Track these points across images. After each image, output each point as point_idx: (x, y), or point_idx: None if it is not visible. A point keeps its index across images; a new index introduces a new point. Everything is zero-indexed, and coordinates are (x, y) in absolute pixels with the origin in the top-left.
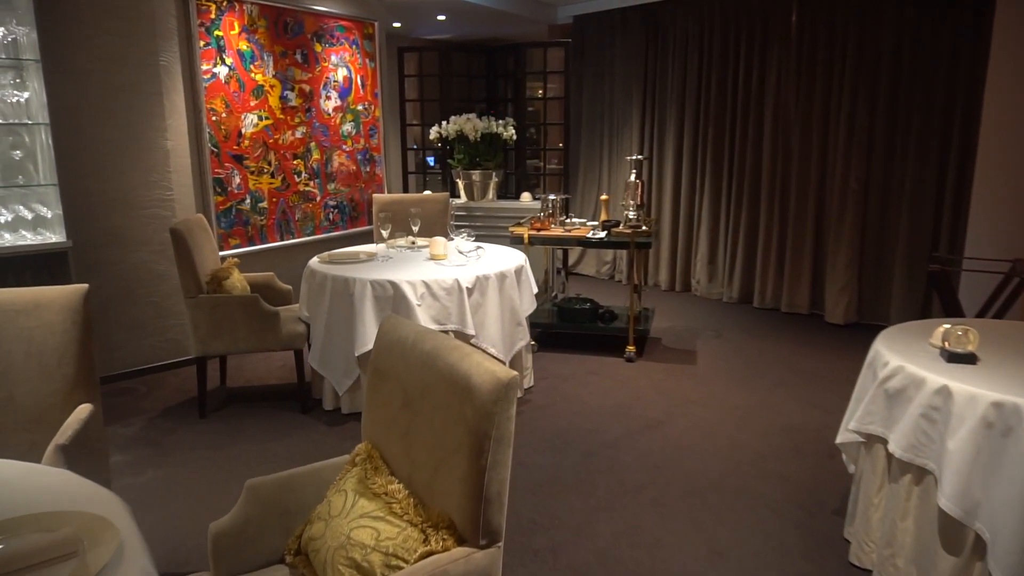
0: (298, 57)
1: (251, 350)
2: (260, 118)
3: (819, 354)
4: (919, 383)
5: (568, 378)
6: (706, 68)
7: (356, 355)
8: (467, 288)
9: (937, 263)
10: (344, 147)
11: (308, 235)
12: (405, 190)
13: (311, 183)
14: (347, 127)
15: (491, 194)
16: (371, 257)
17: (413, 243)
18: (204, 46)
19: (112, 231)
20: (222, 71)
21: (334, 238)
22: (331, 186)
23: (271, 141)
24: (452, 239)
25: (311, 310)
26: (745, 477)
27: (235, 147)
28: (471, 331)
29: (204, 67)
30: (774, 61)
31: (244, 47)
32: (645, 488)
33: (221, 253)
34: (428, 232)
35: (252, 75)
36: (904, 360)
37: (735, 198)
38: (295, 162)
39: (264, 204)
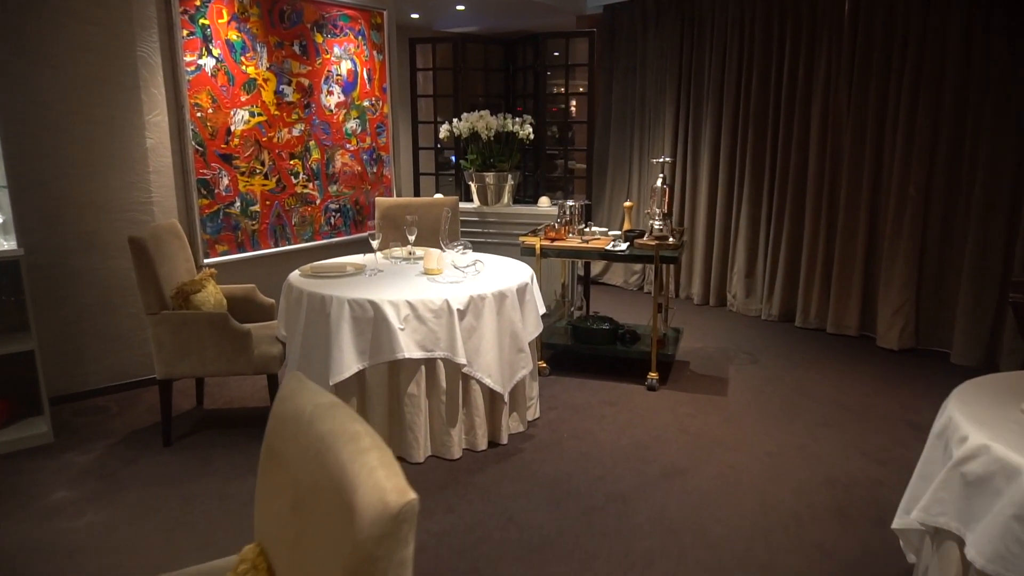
0: (296, 48)
1: (220, 373)
2: (252, 114)
3: (870, 386)
4: (1012, 473)
5: (580, 409)
6: (747, 61)
7: (330, 384)
8: (458, 310)
9: (1021, 292)
10: (348, 146)
11: (306, 241)
12: (416, 193)
13: (310, 185)
14: (351, 124)
15: (506, 198)
16: (359, 270)
17: (411, 253)
18: (188, 36)
19: (87, 237)
20: (208, 63)
21: (335, 244)
22: (333, 188)
23: (264, 139)
24: (446, 250)
25: (288, 329)
26: (777, 550)
27: (223, 146)
28: (461, 359)
29: (188, 58)
30: (823, 53)
31: (234, 37)
32: (656, 561)
33: (207, 261)
34: (435, 243)
35: (243, 68)
36: (989, 436)
37: (777, 205)
38: (292, 162)
39: (256, 207)
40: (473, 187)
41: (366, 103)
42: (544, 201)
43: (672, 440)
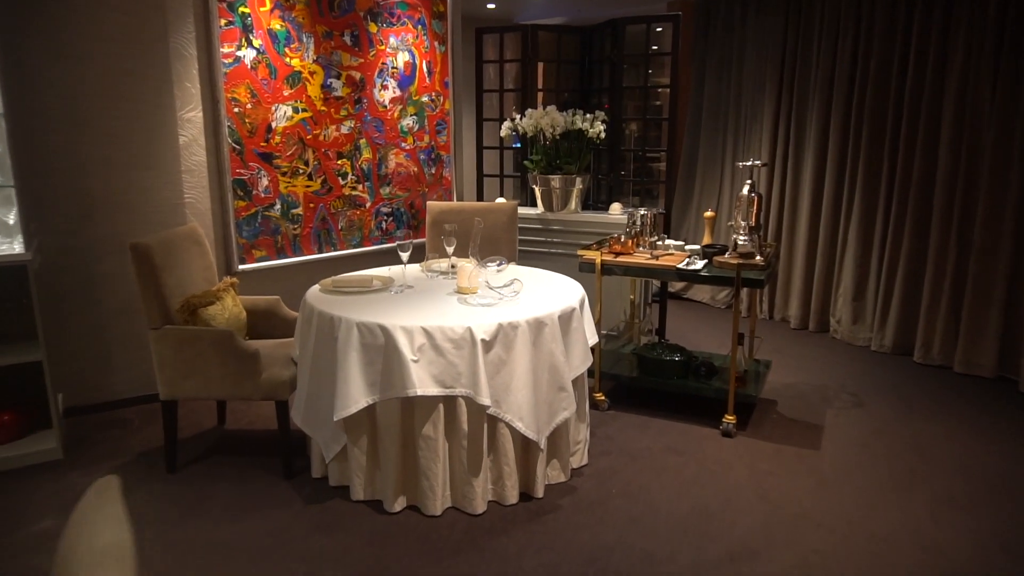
0: (347, 39)
1: (226, 397)
2: (296, 110)
3: (1013, 446)
4: None
5: (638, 456)
6: (863, 50)
7: (334, 419)
8: (483, 340)
9: None
10: (403, 145)
11: (354, 247)
12: (479, 196)
13: (359, 187)
14: (408, 121)
15: (573, 204)
16: (386, 284)
17: (453, 267)
18: (226, 25)
19: (114, 239)
20: (248, 55)
21: (387, 251)
22: (385, 190)
23: (309, 137)
24: (480, 266)
25: (300, 351)
26: None
27: (263, 144)
28: (485, 399)
29: (225, 50)
30: (961, 37)
31: (277, 27)
32: None
33: (242, 267)
34: (490, 253)
35: (287, 60)
36: None
37: (895, 217)
38: (340, 162)
39: (299, 210)
40: (537, 191)
41: (425, 98)
42: (616, 208)
43: (746, 509)
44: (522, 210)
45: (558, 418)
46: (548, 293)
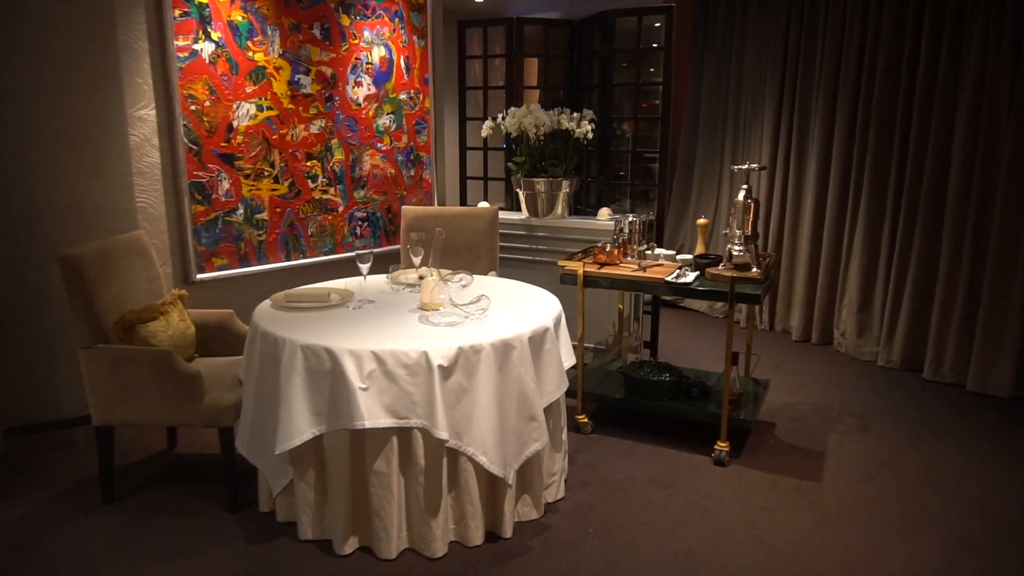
0: (316, 32)
1: (164, 422)
2: (260, 108)
3: None
4: None
5: (620, 488)
6: (871, 44)
7: (275, 452)
8: (440, 366)
9: None
10: (380, 145)
11: (325, 254)
12: (463, 200)
13: (331, 190)
14: (384, 120)
15: (560, 209)
16: (344, 299)
17: (423, 278)
18: (180, 16)
19: (59, 248)
20: (206, 48)
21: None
22: (360, 193)
23: (275, 137)
24: (441, 281)
25: (247, 373)
26: None
27: (223, 144)
28: (442, 433)
29: (180, 43)
30: (976, 31)
31: (239, 18)
32: None
33: (201, 276)
34: (469, 261)
35: (249, 54)
36: None
37: (904, 224)
38: (309, 164)
39: (264, 215)
40: (521, 195)
41: (403, 96)
42: (605, 213)
43: (737, 552)
44: (505, 215)
45: (528, 451)
46: (520, 310)
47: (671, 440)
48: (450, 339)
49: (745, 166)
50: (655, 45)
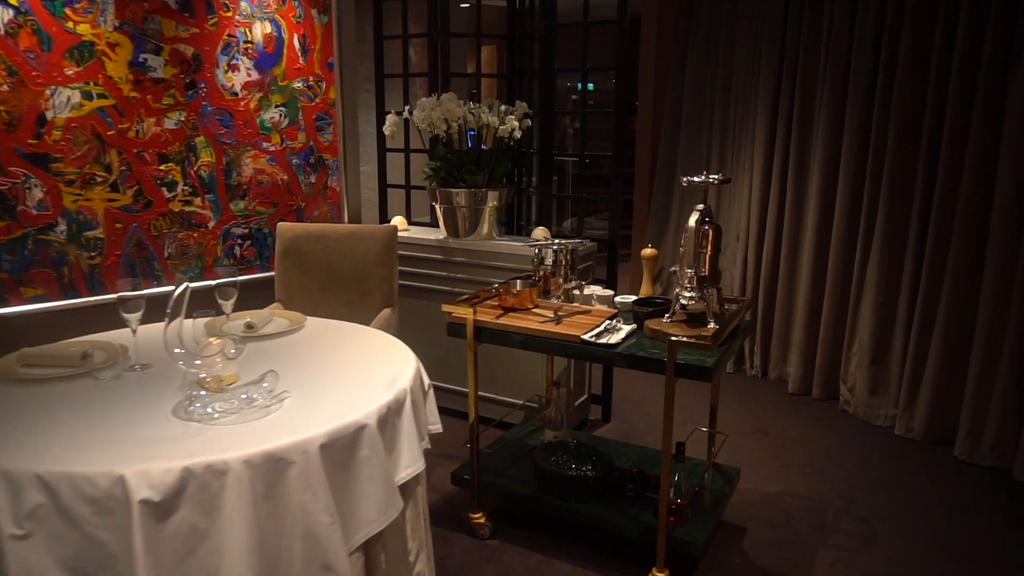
0: (170, 1)
1: None
2: (87, 96)
3: None
4: None
5: None
6: (891, 22)
7: None
8: (146, 501)
9: None
10: (266, 145)
11: (191, 280)
12: (383, 215)
13: (197, 200)
14: (272, 115)
15: (485, 227)
16: (110, 359)
17: (251, 327)
18: None
19: None
20: (1, 16)
21: (240, 284)
22: (238, 205)
23: (111, 133)
24: (229, 339)
25: None
26: None
27: (31, 141)
28: None
29: None
30: None
31: None
32: None
33: (4, 310)
34: (358, 295)
35: (68, 25)
36: None
37: (932, 253)
38: (164, 167)
39: (97, 232)
40: (438, 210)
41: (297, 84)
42: (540, 233)
43: None
44: (421, 234)
45: None
46: (345, 383)
47: (597, 556)
48: (190, 450)
49: (699, 178)
50: (551, 4)
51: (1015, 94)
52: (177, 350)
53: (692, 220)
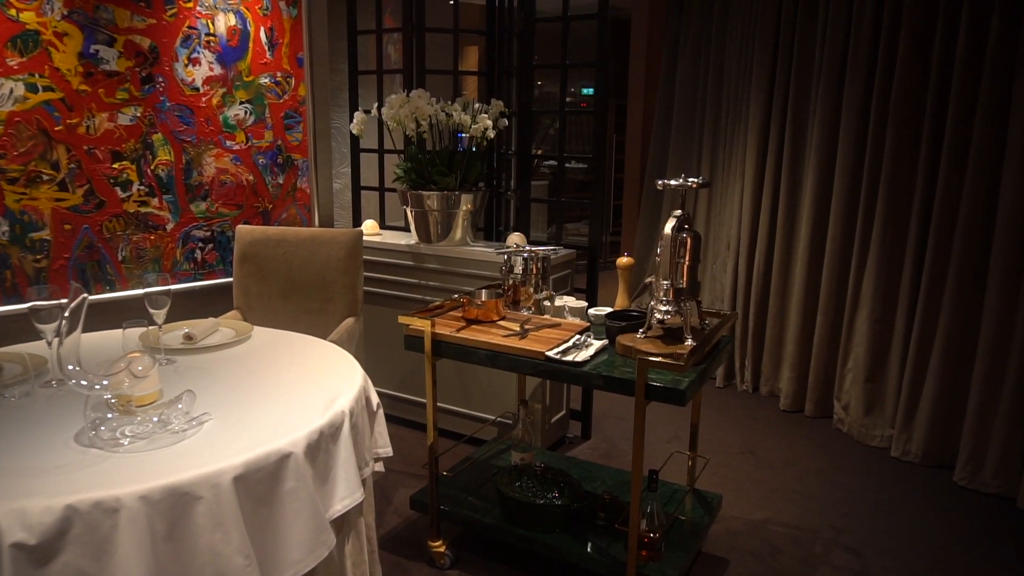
0: None
1: None
2: (31, 88)
3: None
4: None
5: None
6: (889, 18)
7: None
8: (19, 545)
9: None
10: (230, 144)
11: (147, 285)
12: (355, 217)
13: (154, 201)
14: (236, 111)
15: (459, 232)
16: (23, 374)
17: (191, 338)
18: None
19: None
20: None
21: (198, 290)
22: (199, 206)
23: (59, 129)
24: (149, 351)
25: None
26: None
27: None
28: None
29: None
30: None
31: None
32: None
33: None
34: (320, 303)
35: (10, 12)
36: None
37: (932, 264)
38: (118, 166)
39: (44, 234)
40: (409, 214)
41: (264, 80)
42: (515, 239)
43: None
44: (392, 238)
45: None
46: (279, 402)
47: None
48: (79, 484)
49: (676, 182)
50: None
51: (1021, 94)
52: (71, 367)
53: (668, 227)
